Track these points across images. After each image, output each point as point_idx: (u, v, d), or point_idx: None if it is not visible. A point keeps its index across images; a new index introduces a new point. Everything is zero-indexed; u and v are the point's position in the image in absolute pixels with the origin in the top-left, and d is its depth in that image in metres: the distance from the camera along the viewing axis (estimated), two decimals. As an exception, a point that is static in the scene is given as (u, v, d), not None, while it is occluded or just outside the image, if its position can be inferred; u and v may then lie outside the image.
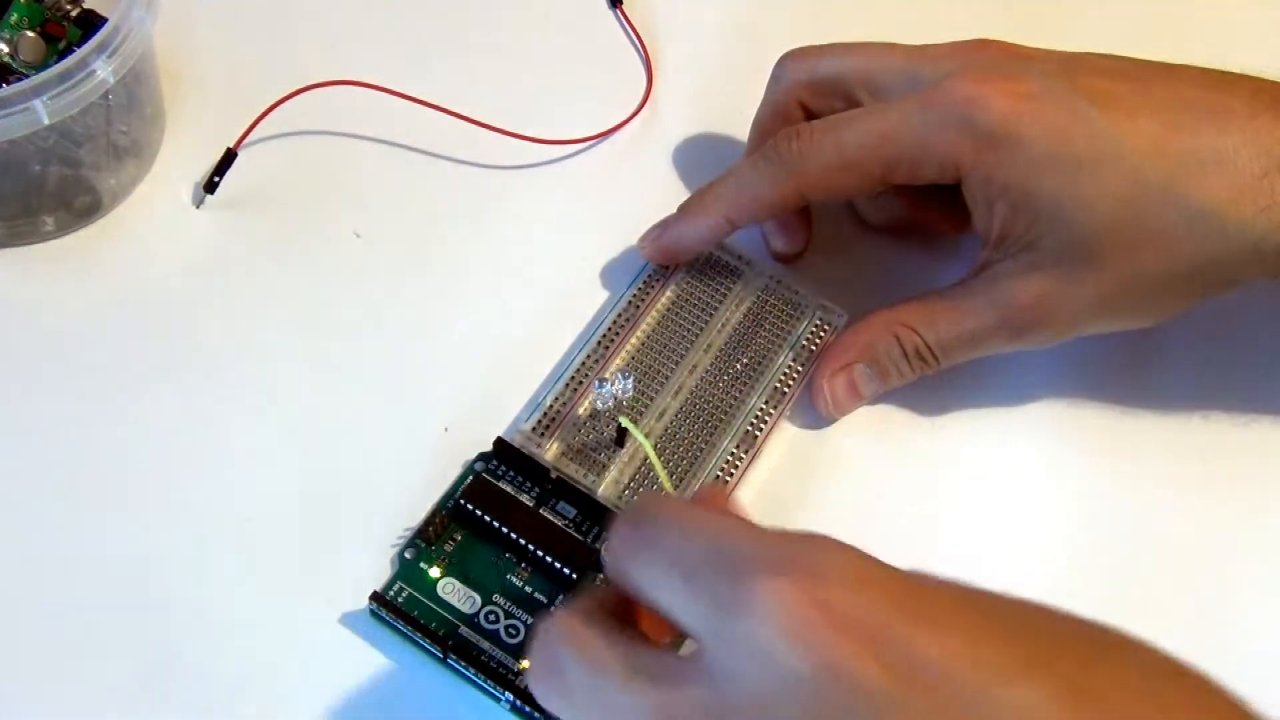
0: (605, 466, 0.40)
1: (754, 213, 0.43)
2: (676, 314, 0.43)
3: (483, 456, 0.40)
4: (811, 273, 0.46)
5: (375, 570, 0.39)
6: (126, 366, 0.42)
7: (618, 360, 0.42)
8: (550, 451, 0.40)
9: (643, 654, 0.28)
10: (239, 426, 0.41)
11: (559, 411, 0.41)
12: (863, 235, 0.47)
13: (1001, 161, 0.38)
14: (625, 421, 0.37)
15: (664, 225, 0.44)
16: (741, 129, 0.46)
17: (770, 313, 0.44)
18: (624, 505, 0.40)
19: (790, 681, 0.25)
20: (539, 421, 0.41)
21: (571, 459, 0.40)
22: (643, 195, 0.47)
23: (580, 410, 0.41)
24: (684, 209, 0.44)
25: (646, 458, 0.40)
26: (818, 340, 0.43)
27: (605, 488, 0.40)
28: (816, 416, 0.43)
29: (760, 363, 0.43)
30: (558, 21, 0.52)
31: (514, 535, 0.39)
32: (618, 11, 0.52)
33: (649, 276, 0.44)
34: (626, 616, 0.31)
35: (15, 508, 0.39)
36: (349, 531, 0.40)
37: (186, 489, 0.40)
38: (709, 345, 0.43)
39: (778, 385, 0.42)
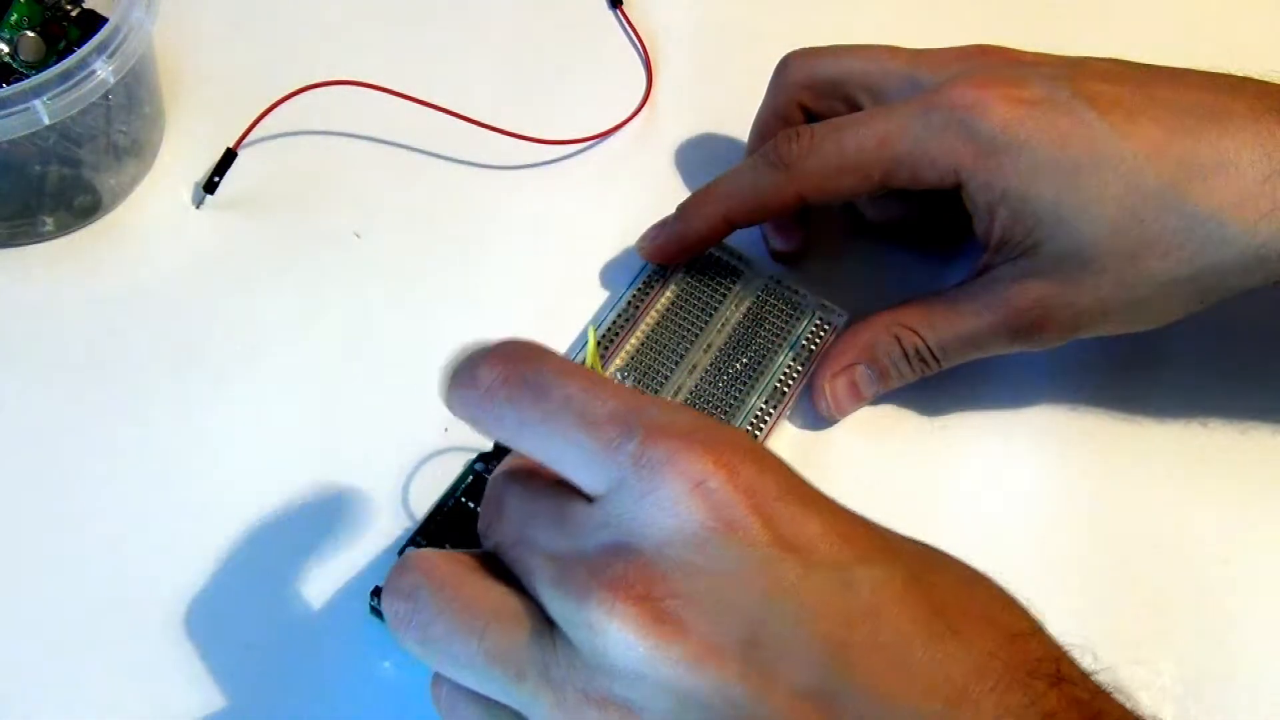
0: None
1: (752, 214, 0.42)
2: (676, 314, 0.43)
3: (483, 456, 0.40)
4: (811, 273, 0.46)
5: (374, 569, 0.39)
6: (126, 366, 0.42)
7: (618, 360, 0.42)
8: None
9: (568, 502, 0.30)
10: (239, 425, 0.41)
11: None
12: (863, 235, 0.47)
13: (1001, 167, 0.38)
14: (592, 333, 0.36)
15: (662, 225, 0.44)
16: (741, 129, 0.46)
17: (770, 313, 0.44)
18: None
19: (689, 531, 0.27)
20: None
21: None
22: (643, 195, 0.47)
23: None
24: (683, 209, 0.44)
25: None
26: (818, 340, 0.43)
27: None
28: (816, 416, 0.43)
29: (760, 363, 0.43)
30: (558, 22, 0.52)
31: None
32: (618, 12, 0.52)
33: (649, 276, 0.44)
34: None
35: (15, 507, 0.39)
36: (349, 530, 0.40)
37: (186, 488, 0.40)
38: (709, 345, 0.43)
39: (778, 385, 0.42)
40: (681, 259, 0.44)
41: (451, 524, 0.39)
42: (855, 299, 0.44)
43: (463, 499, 0.39)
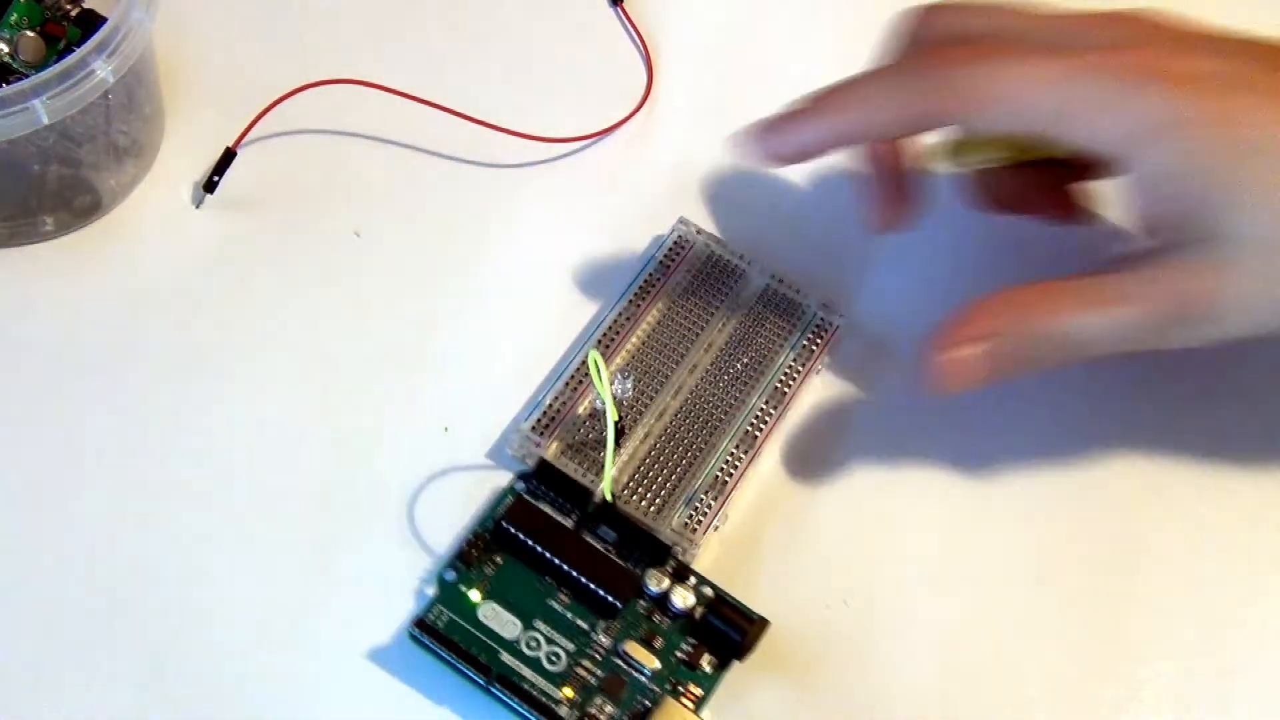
0: (603, 465, 0.40)
1: (891, 125, 0.39)
2: (677, 313, 0.43)
3: (523, 476, 0.40)
4: (813, 273, 0.45)
5: (374, 570, 0.39)
6: (126, 366, 0.42)
7: (618, 360, 0.42)
8: (550, 451, 0.40)
9: None
10: (239, 425, 0.41)
11: (559, 411, 0.41)
12: (867, 236, 0.47)
13: (1174, 143, 0.36)
14: (593, 355, 0.36)
15: (776, 124, 0.39)
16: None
17: (772, 312, 0.44)
18: (624, 504, 0.40)
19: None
20: (538, 421, 0.41)
21: (571, 458, 0.40)
22: (643, 194, 0.47)
23: (580, 410, 0.41)
24: (812, 106, 0.39)
25: (645, 457, 0.40)
26: (819, 341, 0.43)
27: (604, 485, 0.40)
28: (816, 417, 0.43)
29: (761, 363, 0.43)
30: (558, 19, 0.52)
31: (555, 559, 0.38)
32: (618, 9, 0.52)
33: (650, 275, 0.44)
34: None
35: (14, 508, 0.39)
36: (349, 530, 0.40)
37: (186, 488, 0.40)
38: (709, 344, 0.43)
39: (778, 385, 0.42)
40: (793, 163, 0.40)
41: (491, 547, 0.39)
42: (857, 300, 0.44)
43: (503, 521, 0.39)
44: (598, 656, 0.38)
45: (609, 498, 0.39)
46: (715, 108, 0.50)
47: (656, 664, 0.37)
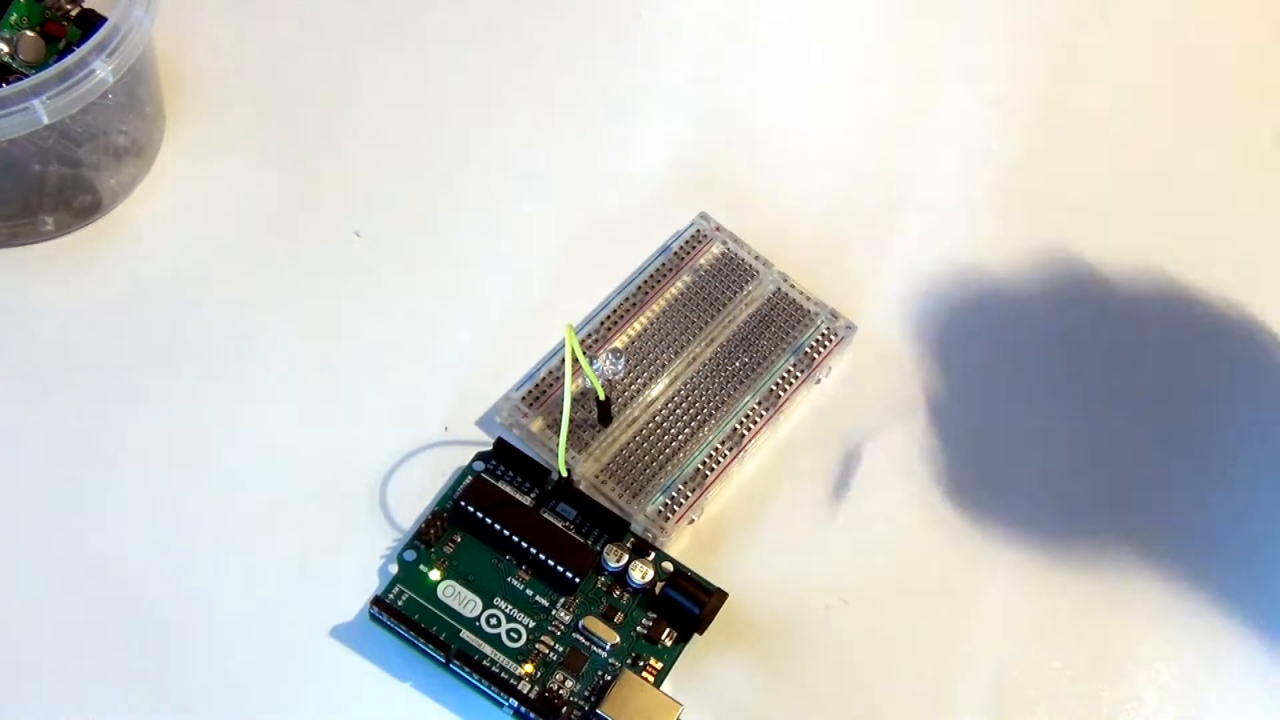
0: (586, 444, 0.40)
1: None
2: (684, 305, 0.43)
3: (481, 456, 0.40)
4: (824, 281, 0.45)
5: (375, 570, 0.39)
6: (126, 366, 0.42)
7: (618, 341, 0.42)
8: (535, 424, 0.41)
9: None
10: (238, 425, 0.41)
11: (550, 385, 0.41)
12: (886, 245, 0.46)
13: None
14: (568, 327, 0.37)
15: None
16: (738, 127, 0.46)
17: (778, 316, 0.44)
18: (602, 485, 0.40)
19: None
20: (529, 392, 0.41)
21: (555, 434, 0.40)
22: (642, 192, 0.47)
23: (571, 390, 0.41)
24: None
25: (629, 442, 0.41)
26: (822, 348, 0.43)
27: (585, 464, 0.40)
28: (809, 423, 0.43)
29: (760, 364, 0.43)
30: (558, 19, 0.52)
31: (514, 537, 0.38)
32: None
33: (660, 266, 0.44)
34: None
35: (13, 507, 0.39)
36: (349, 530, 0.40)
37: (185, 488, 0.40)
38: (711, 339, 0.43)
39: (773, 388, 0.42)
40: None
41: (451, 526, 0.39)
42: (867, 310, 0.44)
43: (461, 501, 0.39)
44: (558, 632, 0.38)
45: (563, 472, 0.39)
46: (715, 107, 0.50)
47: (616, 639, 0.38)
